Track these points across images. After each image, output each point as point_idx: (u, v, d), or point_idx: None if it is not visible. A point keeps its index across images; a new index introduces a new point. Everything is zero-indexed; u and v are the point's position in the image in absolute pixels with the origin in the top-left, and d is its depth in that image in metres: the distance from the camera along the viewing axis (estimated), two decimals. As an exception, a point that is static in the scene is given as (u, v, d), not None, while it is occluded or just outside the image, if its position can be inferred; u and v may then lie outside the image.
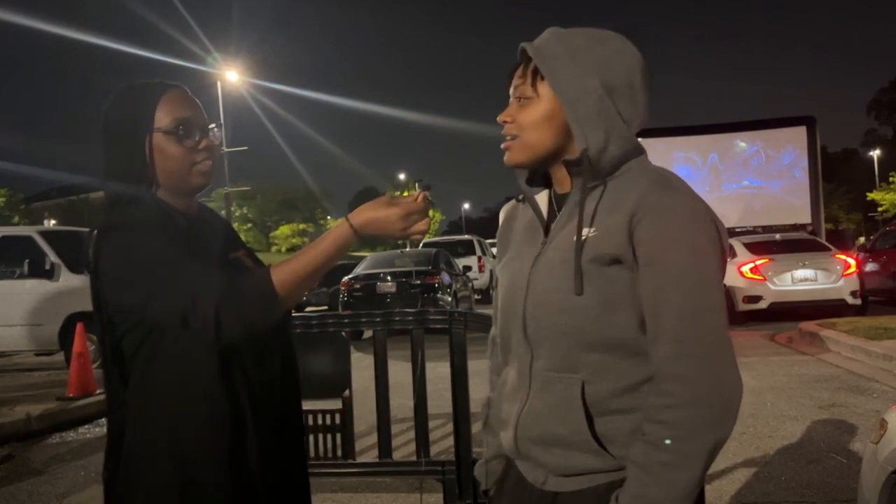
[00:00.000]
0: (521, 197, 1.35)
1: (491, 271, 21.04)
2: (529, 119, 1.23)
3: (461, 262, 15.91)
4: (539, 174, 1.33)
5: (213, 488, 1.33)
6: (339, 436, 3.82)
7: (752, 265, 11.22)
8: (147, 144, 1.41)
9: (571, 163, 1.21)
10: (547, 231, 1.27)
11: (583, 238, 1.16)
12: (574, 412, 1.16)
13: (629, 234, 1.14)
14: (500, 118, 1.26)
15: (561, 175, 1.28)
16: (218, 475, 1.33)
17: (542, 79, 1.21)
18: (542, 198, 1.32)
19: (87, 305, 1.42)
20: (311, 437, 3.82)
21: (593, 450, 1.16)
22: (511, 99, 1.27)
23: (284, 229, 66.79)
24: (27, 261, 8.65)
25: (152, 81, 1.46)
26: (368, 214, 1.31)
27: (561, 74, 1.19)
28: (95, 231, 1.37)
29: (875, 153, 58.47)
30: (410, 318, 3.86)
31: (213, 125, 1.48)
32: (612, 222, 1.16)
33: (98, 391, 6.62)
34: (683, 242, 1.12)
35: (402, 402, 4.17)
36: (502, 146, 1.27)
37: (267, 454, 1.40)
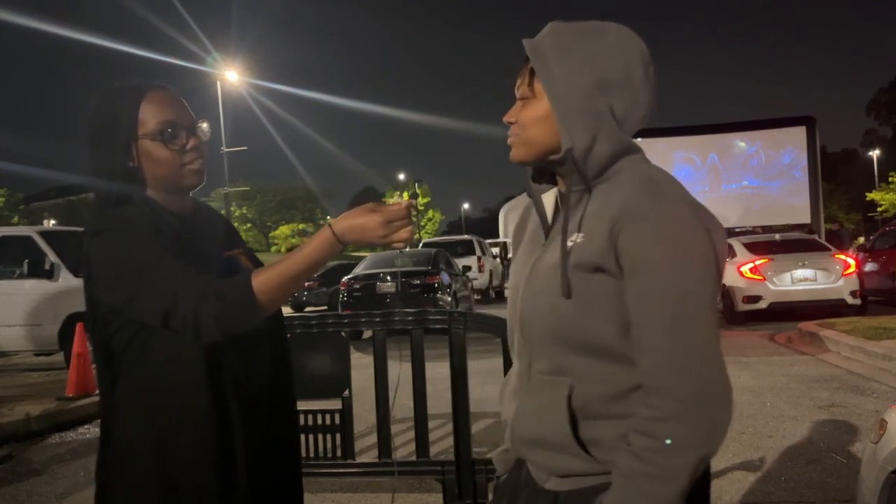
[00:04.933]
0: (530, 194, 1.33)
1: (491, 271, 21.05)
2: (529, 118, 1.21)
3: (461, 262, 15.90)
4: (547, 172, 1.31)
5: (198, 490, 1.33)
6: (338, 436, 3.82)
7: (751, 265, 11.22)
8: (133, 148, 1.40)
9: (556, 163, 1.20)
10: (549, 233, 1.27)
11: (570, 243, 1.15)
12: (558, 415, 1.15)
13: (612, 241, 1.11)
14: (504, 119, 1.25)
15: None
16: (202, 477, 1.33)
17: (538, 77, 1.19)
18: (549, 196, 1.30)
19: (87, 306, 1.42)
20: (311, 437, 3.83)
21: (577, 453, 1.15)
22: (516, 98, 1.25)
23: (284, 229, 66.78)
24: (27, 261, 8.65)
25: (133, 82, 1.45)
26: (350, 221, 1.29)
27: (551, 71, 1.17)
28: (86, 233, 1.37)
29: (874, 153, 58.49)
30: (410, 318, 3.86)
31: (200, 122, 1.46)
32: (596, 228, 1.14)
33: (97, 391, 6.61)
34: (667, 251, 1.08)
35: (402, 402, 4.17)
36: (508, 142, 1.26)
37: (255, 457, 1.39)
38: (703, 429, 1.06)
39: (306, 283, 19.84)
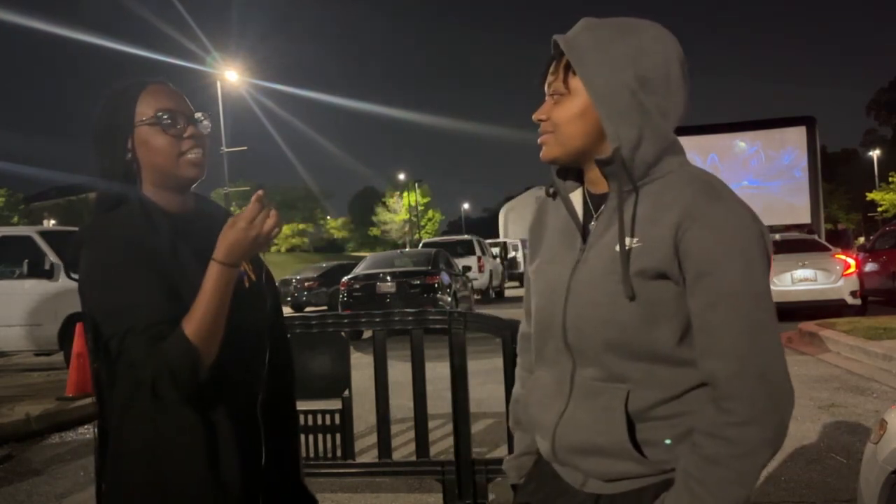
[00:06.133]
0: (552, 191, 1.30)
1: (491, 271, 21.04)
2: (563, 116, 1.18)
3: (461, 262, 15.91)
4: (572, 171, 1.28)
5: (193, 494, 1.33)
6: (338, 436, 3.82)
7: (751, 265, 11.19)
8: (130, 139, 1.39)
9: (603, 162, 1.16)
10: (584, 234, 1.23)
11: (626, 248, 1.12)
12: (616, 421, 1.14)
13: (674, 246, 1.09)
14: (535, 117, 1.22)
15: (595, 175, 1.22)
16: (197, 480, 1.33)
17: (574, 74, 1.16)
18: (575, 196, 1.27)
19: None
20: (311, 437, 3.83)
21: (634, 458, 1.14)
22: (546, 96, 1.22)
23: (284, 229, 66.73)
24: (26, 261, 8.65)
25: (133, 80, 1.44)
26: (224, 244, 1.29)
27: (592, 68, 1.14)
28: (77, 240, 1.37)
29: (875, 153, 58.52)
30: (410, 318, 3.85)
31: (200, 115, 1.44)
32: (655, 233, 1.11)
33: (97, 391, 6.61)
34: (735, 255, 1.07)
35: (402, 402, 4.17)
36: (539, 141, 1.22)
37: (252, 462, 1.39)
38: (775, 429, 1.08)
39: (306, 284, 19.90)
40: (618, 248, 1.13)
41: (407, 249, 16.92)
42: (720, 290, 1.08)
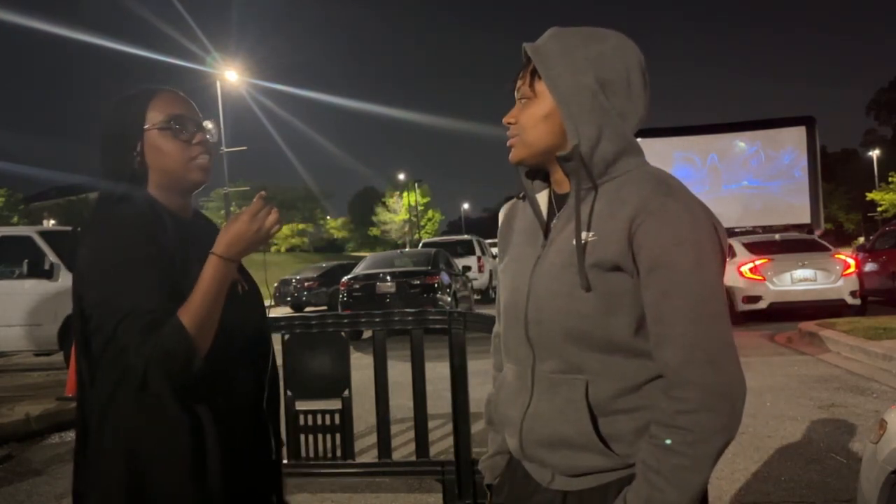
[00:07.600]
0: (522, 195, 1.35)
1: (491, 271, 21.03)
2: (529, 118, 1.24)
3: (461, 262, 15.91)
4: (540, 173, 1.33)
5: (168, 496, 1.32)
6: (338, 436, 3.82)
7: (751, 265, 11.22)
8: (140, 144, 1.42)
9: (563, 158, 1.21)
10: (547, 232, 1.28)
11: (583, 242, 1.16)
12: (579, 413, 1.17)
13: (628, 240, 1.14)
14: (504, 120, 1.28)
15: (560, 176, 1.28)
16: (174, 483, 1.32)
17: (540, 78, 1.22)
18: (542, 197, 1.32)
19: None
20: (311, 437, 3.83)
21: (599, 450, 1.17)
22: (516, 101, 1.28)
23: (284, 229, 66.75)
24: (26, 261, 8.65)
25: (142, 87, 1.48)
26: (225, 238, 1.33)
27: (555, 72, 1.20)
28: (81, 229, 1.39)
29: (874, 153, 58.59)
30: (410, 318, 3.86)
31: (207, 122, 1.49)
32: (611, 227, 1.15)
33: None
34: (687, 247, 1.12)
35: (401, 402, 4.17)
36: (507, 143, 1.28)
37: (232, 468, 1.37)
38: (727, 416, 1.12)
39: (306, 284, 19.91)
40: (575, 241, 1.17)
41: (407, 249, 16.92)
42: (672, 281, 1.12)
